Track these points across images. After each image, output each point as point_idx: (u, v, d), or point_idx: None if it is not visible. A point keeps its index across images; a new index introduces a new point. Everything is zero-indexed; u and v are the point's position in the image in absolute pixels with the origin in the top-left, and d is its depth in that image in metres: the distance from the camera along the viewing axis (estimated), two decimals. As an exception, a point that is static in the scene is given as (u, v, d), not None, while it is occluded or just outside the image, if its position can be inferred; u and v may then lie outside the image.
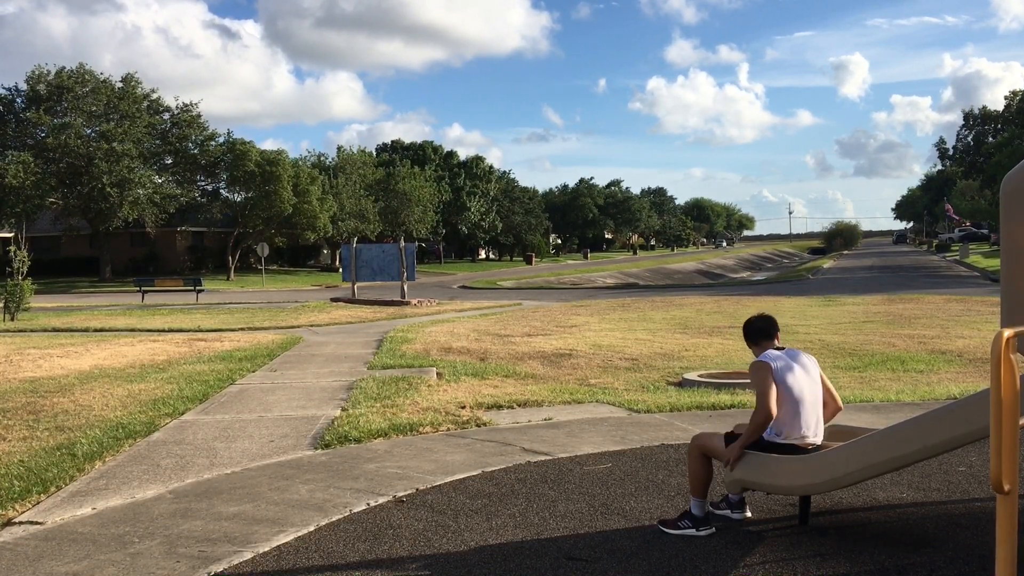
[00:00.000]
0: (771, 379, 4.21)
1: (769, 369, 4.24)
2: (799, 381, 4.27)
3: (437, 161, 70.89)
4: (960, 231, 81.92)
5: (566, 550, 4.20)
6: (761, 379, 4.24)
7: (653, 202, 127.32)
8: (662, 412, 7.74)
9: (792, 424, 4.25)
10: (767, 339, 4.48)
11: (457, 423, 7.31)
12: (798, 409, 4.25)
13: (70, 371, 11.02)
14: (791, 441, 4.26)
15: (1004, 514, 2.73)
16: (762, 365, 4.28)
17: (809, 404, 4.28)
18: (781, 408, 4.22)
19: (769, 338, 4.48)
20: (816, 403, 4.33)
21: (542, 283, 41.64)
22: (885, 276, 38.54)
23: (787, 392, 4.22)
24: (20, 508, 5.12)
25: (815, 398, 4.32)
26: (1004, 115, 72.63)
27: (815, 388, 4.35)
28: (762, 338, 4.49)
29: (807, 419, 4.27)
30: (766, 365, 4.26)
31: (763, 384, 4.21)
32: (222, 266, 50.40)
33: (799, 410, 4.25)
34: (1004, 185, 3.86)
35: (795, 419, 4.24)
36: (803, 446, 4.27)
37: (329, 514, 4.86)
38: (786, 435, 4.26)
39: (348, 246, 28.18)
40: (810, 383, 4.32)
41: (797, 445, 4.26)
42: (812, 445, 4.30)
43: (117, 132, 43.67)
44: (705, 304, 21.38)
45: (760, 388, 4.22)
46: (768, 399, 4.16)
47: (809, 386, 4.31)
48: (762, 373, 4.25)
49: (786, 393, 4.22)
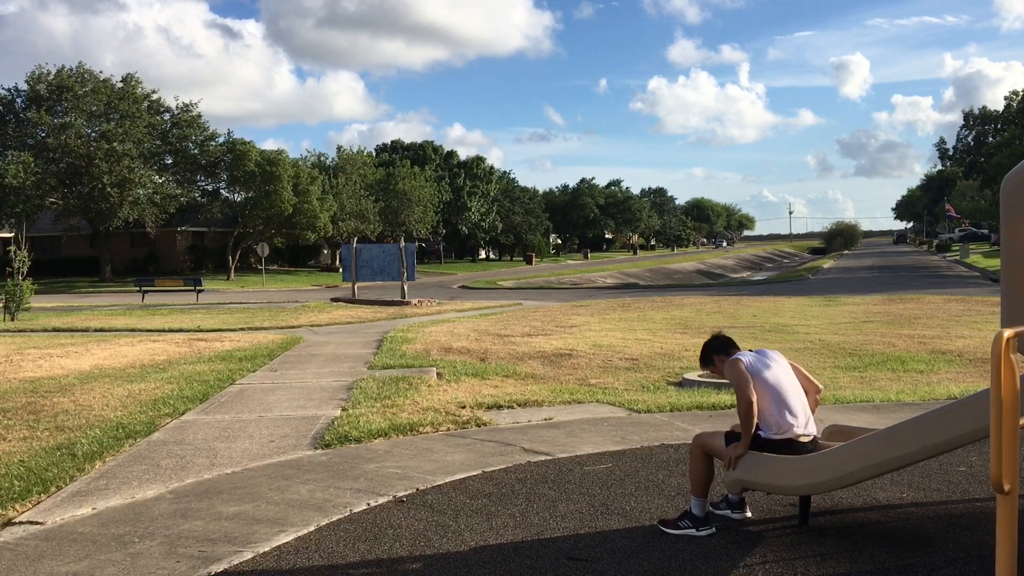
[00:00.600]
0: (746, 371, 4.35)
1: (741, 363, 4.39)
2: (774, 372, 4.39)
3: (437, 161, 70.90)
4: (960, 231, 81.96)
5: (566, 550, 4.20)
6: (736, 373, 4.37)
7: (653, 202, 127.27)
8: (662, 412, 7.74)
9: (780, 415, 4.30)
10: (735, 347, 4.65)
11: (457, 423, 7.31)
12: (781, 398, 4.31)
13: (70, 371, 11.02)
14: (786, 436, 4.28)
15: (1004, 514, 2.73)
16: (734, 361, 4.43)
17: (790, 391, 4.37)
18: (764, 400, 4.30)
19: (735, 346, 4.65)
20: (797, 390, 4.42)
21: (542, 283, 41.65)
22: (885, 276, 38.55)
23: (764, 383, 4.33)
24: (20, 508, 5.12)
25: (794, 385, 4.42)
26: (1004, 115, 72.69)
27: (791, 376, 4.47)
28: (730, 348, 4.63)
29: (793, 407, 4.32)
30: (738, 360, 4.42)
31: (739, 376, 4.34)
32: (222, 266, 50.39)
33: (783, 399, 4.32)
34: (1004, 185, 3.86)
35: (781, 409, 4.30)
36: (800, 441, 4.29)
37: (329, 514, 4.86)
38: (778, 429, 4.29)
39: (348, 246, 28.18)
40: (785, 372, 4.45)
41: (794, 441, 4.28)
42: (808, 438, 4.33)
43: (117, 132, 43.65)
44: (705, 304, 21.38)
45: (737, 380, 4.34)
46: (746, 388, 4.28)
47: (785, 374, 4.43)
48: (736, 367, 4.39)
49: (764, 384, 4.32)
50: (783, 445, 4.27)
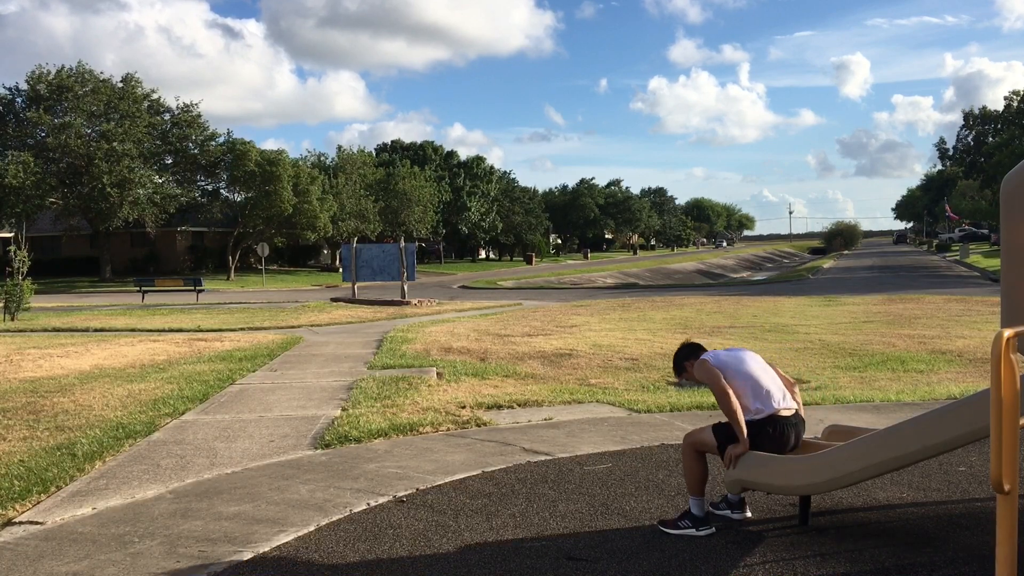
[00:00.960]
0: (715, 368, 4.46)
1: (708, 361, 4.52)
2: (741, 359, 4.53)
3: (437, 161, 70.89)
4: (960, 231, 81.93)
5: (566, 550, 4.20)
6: (706, 371, 4.49)
7: (653, 202, 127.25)
8: (662, 412, 7.74)
9: (757, 395, 4.38)
10: (703, 350, 4.74)
11: (457, 423, 7.31)
12: (754, 381, 4.42)
13: (70, 371, 11.02)
14: (767, 414, 4.35)
15: (1004, 514, 2.73)
16: (702, 362, 4.56)
17: (761, 373, 4.47)
18: (739, 388, 4.39)
19: (703, 349, 4.74)
20: (767, 371, 4.52)
21: (542, 283, 41.64)
22: (885, 276, 38.53)
23: (736, 372, 4.44)
24: (20, 508, 5.13)
25: (764, 367, 4.54)
26: (1004, 115, 72.66)
27: (758, 360, 4.58)
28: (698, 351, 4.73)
29: (768, 387, 4.42)
30: (704, 360, 4.55)
31: (709, 373, 4.45)
32: (222, 266, 50.38)
33: (756, 382, 4.42)
34: (1004, 185, 3.85)
35: (757, 390, 4.39)
36: (781, 415, 4.37)
37: (329, 514, 4.86)
38: (757, 410, 4.36)
39: (348, 246, 28.17)
40: (751, 358, 4.56)
41: (775, 416, 4.35)
42: (789, 411, 4.42)
43: (117, 132, 43.64)
44: (705, 304, 21.37)
45: (709, 378, 4.45)
46: (719, 381, 4.38)
47: (751, 360, 4.54)
48: (704, 366, 4.51)
49: (735, 374, 4.43)
50: (767, 423, 4.34)
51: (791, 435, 4.39)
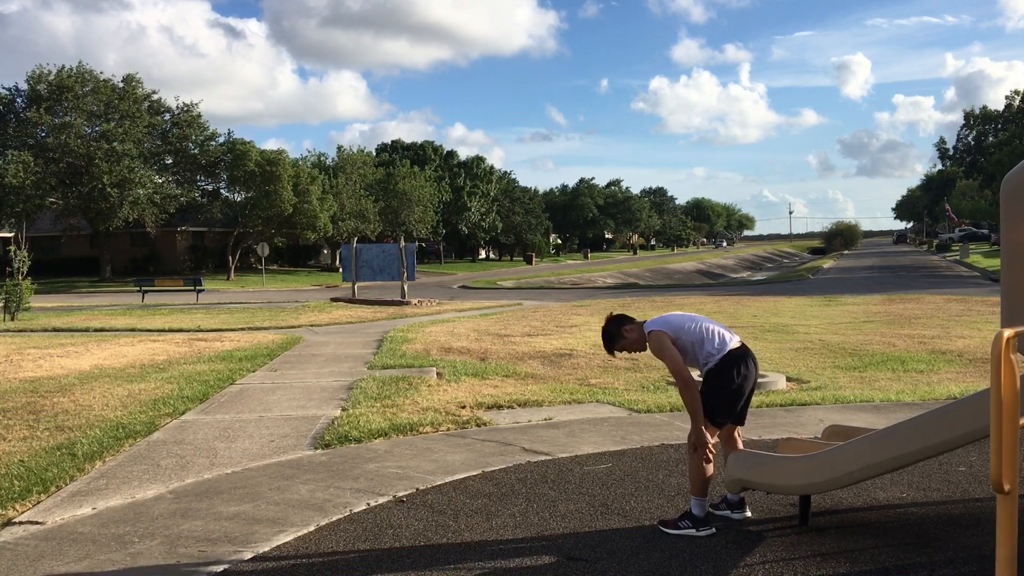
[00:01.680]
0: (671, 344, 4.34)
1: (665, 334, 4.37)
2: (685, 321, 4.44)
3: (437, 161, 70.88)
4: (960, 231, 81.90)
5: (566, 550, 4.20)
6: (664, 347, 4.35)
7: (653, 202, 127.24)
8: (662, 412, 7.74)
9: (711, 343, 4.38)
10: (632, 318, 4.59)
11: (457, 423, 7.31)
12: (706, 335, 4.39)
13: (70, 371, 11.02)
14: (721, 354, 4.36)
15: (1004, 514, 2.73)
16: (657, 334, 4.39)
17: (707, 323, 4.46)
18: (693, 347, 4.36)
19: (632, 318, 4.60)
20: (710, 322, 4.50)
21: (542, 283, 41.64)
22: (885, 276, 38.53)
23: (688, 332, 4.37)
24: (20, 508, 5.12)
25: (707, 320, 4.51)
26: (1004, 115, 72.68)
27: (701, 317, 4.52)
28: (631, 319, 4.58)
29: (719, 332, 4.43)
30: (662, 334, 4.37)
31: (669, 352, 4.33)
32: (222, 266, 50.38)
33: (707, 335, 4.39)
34: (1004, 185, 3.86)
35: (711, 340, 4.38)
36: (735, 352, 4.38)
37: (329, 514, 4.86)
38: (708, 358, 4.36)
39: (348, 246, 28.18)
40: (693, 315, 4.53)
41: (730, 354, 4.36)
42: (737, 344, 4.43)
43: (117, 132, 43.65)
44: (705, 304, 21.37)
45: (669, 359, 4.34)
46: (679, 366, 4.30)
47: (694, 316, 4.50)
48: (662, 340, 4.36)
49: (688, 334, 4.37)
50: (728, 359, 4.34)
51: (748, 361, 4.41)
